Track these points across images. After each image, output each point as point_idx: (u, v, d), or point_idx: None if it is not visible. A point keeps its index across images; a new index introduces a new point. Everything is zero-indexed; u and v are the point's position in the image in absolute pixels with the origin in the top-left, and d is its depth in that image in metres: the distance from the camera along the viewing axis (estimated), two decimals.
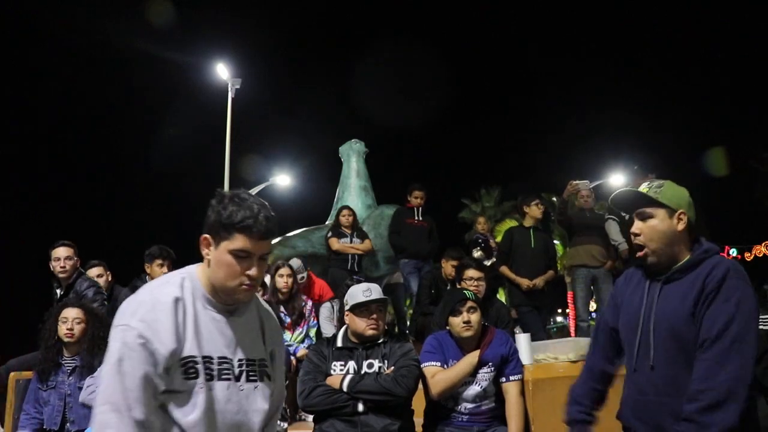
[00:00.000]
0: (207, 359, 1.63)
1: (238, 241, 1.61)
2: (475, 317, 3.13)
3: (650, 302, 2.02)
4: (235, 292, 1.65)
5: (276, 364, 1.83)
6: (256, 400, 1.71)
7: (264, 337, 1.79)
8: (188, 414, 1.59)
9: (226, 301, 1.68)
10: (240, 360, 1.69)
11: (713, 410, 1.75)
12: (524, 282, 5.64)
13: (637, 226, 2.04)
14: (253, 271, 1.63)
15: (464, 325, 3.11)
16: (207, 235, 1.65)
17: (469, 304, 3.15)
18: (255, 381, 1.71)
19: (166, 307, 1.60)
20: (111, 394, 1.52)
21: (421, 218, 6.77)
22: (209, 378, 1.62)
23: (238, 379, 1.67)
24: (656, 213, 2.02)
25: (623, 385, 2.15)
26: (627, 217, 2.19)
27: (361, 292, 3.11)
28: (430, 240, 6.76)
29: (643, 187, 2.08)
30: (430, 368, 3.09)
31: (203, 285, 1.68)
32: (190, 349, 1.60)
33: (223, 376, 1.65)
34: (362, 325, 3.08)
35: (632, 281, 2.16)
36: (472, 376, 3.08)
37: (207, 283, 1.67)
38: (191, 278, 1.68)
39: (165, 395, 1.57)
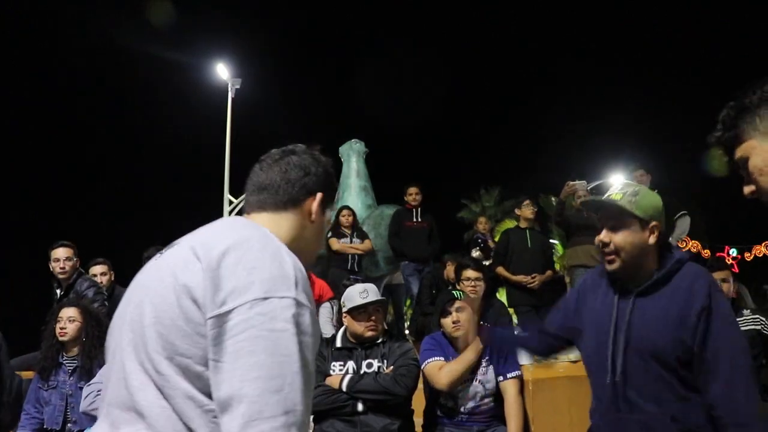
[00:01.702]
0: None
1: (330, 211, 1.48)
2: (464, 316, 3.13)
3: (622, 316, 1.96)
4: (312, 260, 1.50)
5: None
6: None
7: None
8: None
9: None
10: None
11: (750, 425, 1.79)
12: (521, 277, 5.65)
13: (606, 235, 1.98)
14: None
15: (454, 325, 3.11)
16: (323, 194, 1.40)
17: (458, 304, 3.15)
18: None
19: (305, 276, 1.21)
20: (292, 402, 1.10)
21: (420, 219, 6.75)
22: None
23: None
24: (628, 223, 1.96)
25: (592, 398, 2.09)
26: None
27: (357, 294, 3.11)
28: (430, 242, 6.74)
29: (617, 193, 2.00)
30: (435, 363, 3.08)
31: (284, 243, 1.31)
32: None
33: None
34: (361, 327, 3.09)
35: (599, 289, 2.09)
36: (471, 373, 3.08)
37: (288, 243, 1.30)
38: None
39: None
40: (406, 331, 8.41)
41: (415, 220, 6.74)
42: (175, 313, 1.13)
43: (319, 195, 1.40)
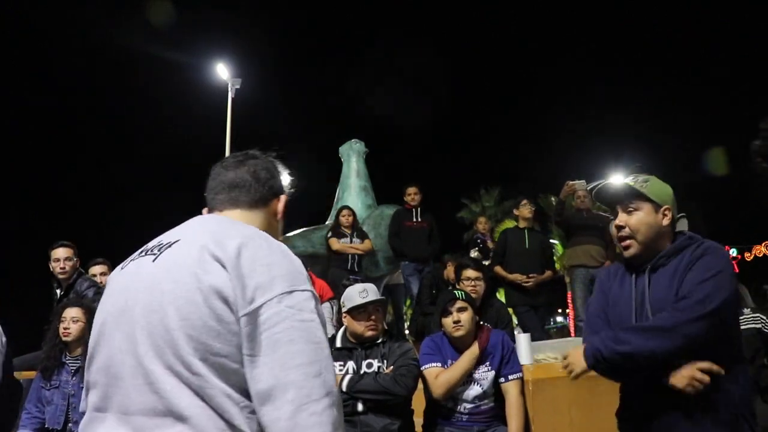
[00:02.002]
0: None
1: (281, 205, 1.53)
2: (465, 316, 3.13)
3: (641, 292, 2.01)
4: None
5: None
6: None
7: None
8: None
9: None
10: None
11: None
12: (518, 277, 5.64)
13: (622, 218, 2.03)
14: None
15: (455, 325, 3.11)
16: (285, 197, 1.52)
17: (459, 304, 3.15)
18: None
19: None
20: (330, 384, 1.17)
21: (420, 219, 6.73)
22: None
23: None
24: (642, 206, 2.01)
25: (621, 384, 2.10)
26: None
27: (357, 293, 3.11)
28: (430, 241, 6.73)
29: (629, 181, 2.07)
30: (432, 370, 3.09)
31: None
32: None
33: None
34: (361, 327, 3.09)
35: (616, 276, 2.14)
36: (470, 375, 3.08)
37: None
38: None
39: None
40: (406, 331, 8.41)
41: (414, 220, 6.73)
42: (204, 313, 1.15)
43: (282, 197, 1.51)
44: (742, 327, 3.93)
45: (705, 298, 1.82)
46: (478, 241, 6.94)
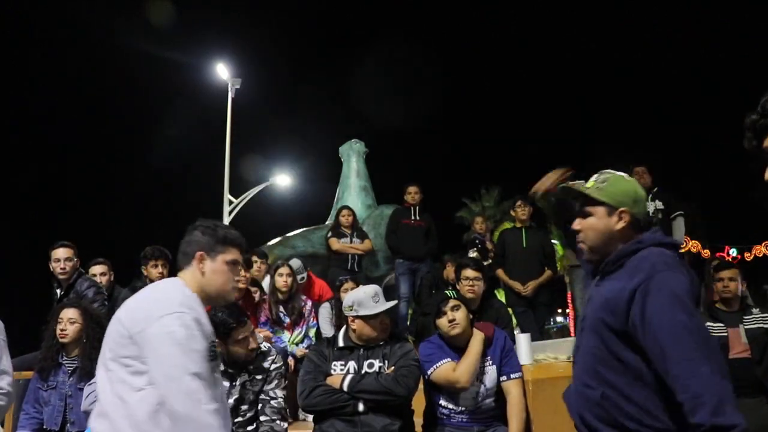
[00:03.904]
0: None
1: (232, 254, 2.09)
2: (459, 314, 3.12)
3: (587, 299, 2.02)
4: (229, 293, 2.11)
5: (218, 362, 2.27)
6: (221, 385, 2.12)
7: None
8: (215, 387, 1.93)
9: (214, 303, 2.18)
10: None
11: (721, 409, 1.64)
12: (516, 286, 5.65)
13: (578, 222, 2.02)
14: (240, 276, 2.14)
15: (450, 324, 3.11)
16: (202, 252, 2.05)
17: (452, 302, 3.15)
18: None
19: (194, 298, 1.99)
20: (183, 365, 1.80)
21: (418, 218, 6.73)
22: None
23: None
24: (595, 211, 1.97)
25: None
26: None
27: (369, 299, 3.08)
28: (427, 241, 6.73)
29: (590, 182, 2.02)
30: (446, 366, 3.07)
31: (192, 290, 2.04)
32: (211, 335, 1.98)
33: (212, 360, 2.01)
34: (374, 332, 3.09)
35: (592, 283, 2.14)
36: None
37: (195, 289, 2.04)
38: (184, 284, 2.04)
39: None
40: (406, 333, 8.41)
41: (412, 218, 6.73)
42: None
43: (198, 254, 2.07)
44: (750, 326, 3.92)
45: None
46: (476, 241, 6.94)
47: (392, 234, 6.77)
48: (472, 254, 6.47)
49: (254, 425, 3.16)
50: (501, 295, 6.01)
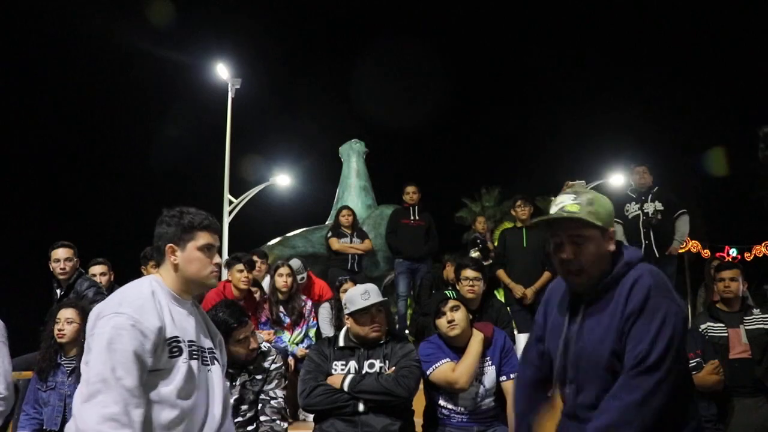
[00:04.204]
0: (185, 341, 1.94)
1: (203, 238, 2.02)
2: (459, 315, 3.12)
3: (573, 327, 1.88)
4: (209, 278, 2.06)
5: (223, 353, 2.21)
6: (212, 380, 2.03)
7: (209, 330, 2.15)
8: (174, 385, 1.86)
9: (195, 292, 2.10)
10: (201, 345, 2.03)
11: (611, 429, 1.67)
12: (518, 289, 5.64)
13: (570, 250, 1.85)
14: (217, 259, 2.05)
15: (449, 324, 3.11)
16: (171, 244, 2.01)
17: (451, 303, 3.14)
18: (208, 365, 2.03)
19: (146, 296, 1.92)
20: (101, 371, 1.75)
21: (417, 217, 6.75)
22: (189, 357, 1.93)
23: (200, 360, 1.99)
24: (591, 235, 1.85)
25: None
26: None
27: (359, 296, 3.08)
28: (426, 240, 6.74)
29: (573, 205, 1.87)
30: (445, 366, 3.06)
31: (168, 286, 2.02)
32: (171, 331, 1.91)
33: (193, 356, 1.96)
34: (365, 329, 3.08)
35: (557, 299, 2.02)
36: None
37: (172, 284, 2.02)
38: (156, 281, 2.01)
39: (153, 374, 1.84)
40: (406, 332, 8.41)
41: (412, 218, 6.74)
42: None
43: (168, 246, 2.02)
44: (751, 327, 3.92)
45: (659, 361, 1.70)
46: (478, 241, 6.94)
47: (392, 234, 6.77)
48: (474, 254, 6.48)
49: (254, 425, 3.16)
50: (500, 295, 6.01)
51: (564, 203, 1.89)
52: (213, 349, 2.09)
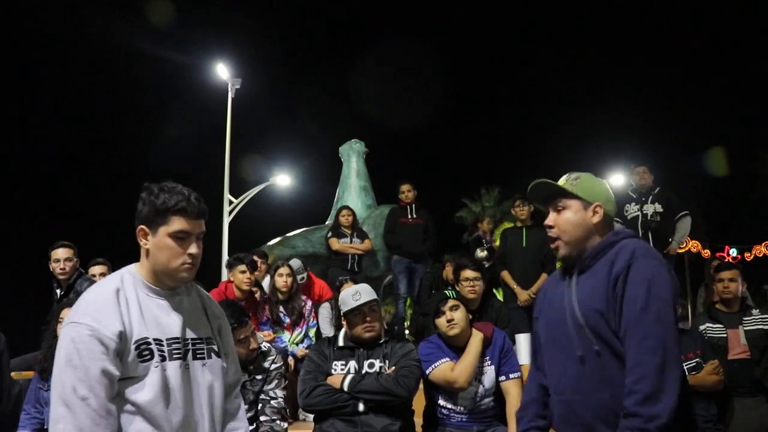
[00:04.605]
0: (158, 341, 1.71)
1: (176, 224, 1.73)
2: (458, 314, 3.13)
3: (569, 296, 1.94)
4: (179, 271, 1.76)
5: (224, 339, 1.94)
6: (205, 376, 1.81)
7: (207, 315, 1.90)
8: (144, 393, 1.66)
9: (169, 284, 1.79)
10: (187, 339, 1.78)
11: (652, 400, 1.67)
12: (523, 295, 5.63)
13: (551, 218, 1.99)
14: (193, 249, 1.76)
15: (448, 324, 3.11)
16: (143, 226, 1.76)
17: (451, 302, 3.15)
18: (203, 358, 1.81)
19: (107, 297, 1.70)
20: (62, 392, 1.58)
21: (415, 215, 6.76)
22: (162, 359, 1.71)
23: (184, 357, 1.76)
24: (570, 204, 1.96)
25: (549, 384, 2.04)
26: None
27: (350, 296, 3.11)
28: (425, 239, 6.76)
29: (562, 180, 2.02)
30: (444, 365, 3.06)
31: (143, 276, 1.78)
32: (139, 333, 1.68)
33: (175, 356, 1.74)
34: (358, 329, 3.09)
35: (553, 283, 2.10)
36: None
37: (147, 273, 1.78)
38: (130, 272, 1.79)
39: (122, 382, 1.65)
40: (406, 332, 8.41)
41: (410, 216, 6.76)
42: None
43: (139, 229, 1.77)
44: (750, 328, 3.92)
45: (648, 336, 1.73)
46: (483, 241, 6.93)
47: (390, 233, 6.78)
48: (481, 254, 6.46)
49: (254, 425, 3.17)
50: (500, 294, 6.01)
51: (559, 180, 2.03)
52: (211, 339, 1.86)
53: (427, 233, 6.76)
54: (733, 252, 20.32)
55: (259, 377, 3.21)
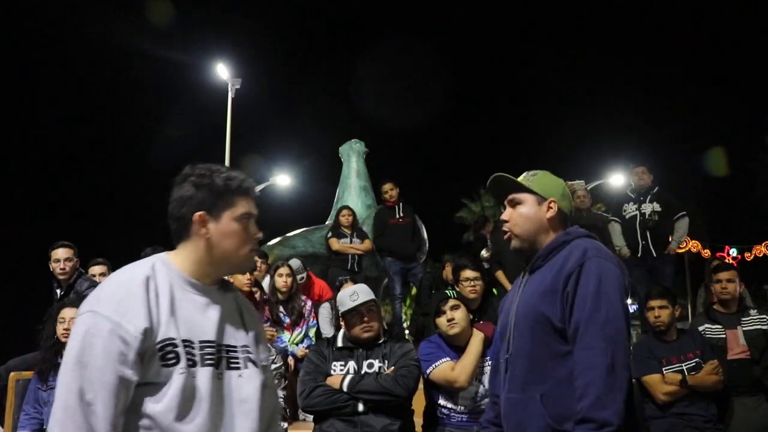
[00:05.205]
0: (187, 343, 1.42)
1: (242, 206, 1.54)
2: (458, 314, 3.13)
3: (518, 294, 1.97)
4: (248, 259, 1.58)
5: (261, 347, 1.65)
6: (242, 389, 1.51)
7: (244, 321, 1.61)
8: (164, 404, 1.37)
9: (218, 275, 1.58)
10: (222, 345, 1.51)
11: (603, 403, 1.65)
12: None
13: (507, 212, 2.01)
14: (259, 234, 1.58)
15: (449, 323, 3.11)
16: (201, 212, 1.50)
17: (451, 302, 3.15)
18: (238, 368, 1.52)
19: (135, 285, 1.42)
20: (66, 395, 1.32)
21: (402, 214, 6.82)
22: (191, 364, 1.41)
23: (218, 365, 1.48)
24: (525, 199, 1.98)
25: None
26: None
27: (348, 297, 3.12)
28: (414, 238, 6.81)
29: (521, 177, 2.03)
30: (445, 365, 3.06)
31: (180, 267, 1.51)
32: (166, 332, 1.40)
33: (207, 362, 1.45)
34: (356, 330, 3.10)
35: (515, 284, 2.11)
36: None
37: (189, 264, 1.52)
38: (163, 261, 1.52)
39: (138, 390, 1.37)
40: (406, 332, 8.42)
41: (398, 216, 6.82)
42: None
43: (197, 216, 1.51)
44: (748, 328, 3.92)
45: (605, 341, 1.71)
46: (488, 241, 6.92)
47: (381, 237, 6.82)
48: (486, 254, 6.45)
49: None
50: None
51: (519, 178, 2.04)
52: (247, 347, 1.57)
53: (414, 233, 6.80)
54: (733, 252, 20.31)
55: None
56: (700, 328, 3.96)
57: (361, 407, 2.94)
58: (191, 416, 1.39)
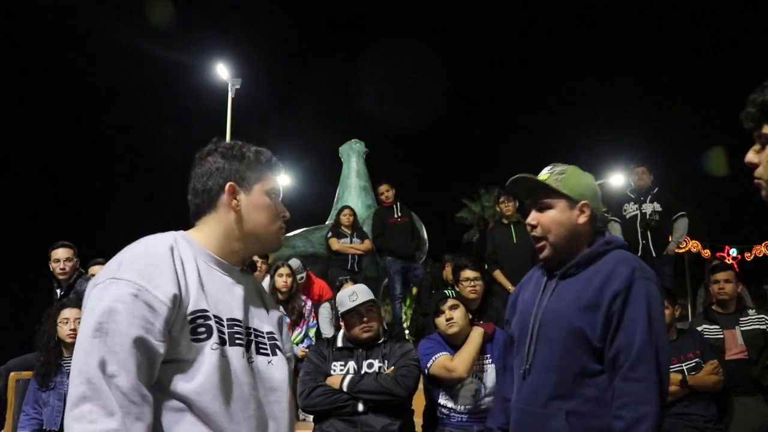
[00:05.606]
0: (217, 319, 1.30)
1: (271, 181, 1.48)
2: (457, 313, 3.13)
3: (543, 300, 1.81)
4: (277, 235, 1.49)
5: (285, 336, 1.54)
6: (273, 376, 1.40)
7: (266, 307, 1.52)
8: (197, 383, 1.23)
9: (247, 253, 1.49)
10: (250, 328, 1.40)
11: (638, 424, 1.59)
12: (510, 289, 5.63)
13: (534, 216, 1.84)
14: (286, 212, 1.52)
15: (447, 322, 3.12)
16: (232, 182, 1.42)
17: (451, 302, 3.16)
18: (267, 354, 1.41)
19: (160, 251, 1.30)
20: (86, 366, 1.15)
21: (401, 214, 6.86)
22: (222, 341, 1.29)
23: (247, 348, 1.36)
24: (555, 203, 1.81)
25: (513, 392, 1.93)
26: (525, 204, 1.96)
27: (347, 297, 3.13)
28: (412, 237, 6.85)
29: (544, 174, 1.86)
30: (443, 358, 3.06)
31: (203, 243, 1.40)
32: (197, 302, 1.28)
33: (237, 341, 1.33)
34: (356, 330, 3.11)
35: (530, 281, 1.97)
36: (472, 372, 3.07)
37: (212, 240, 1.41)
38: (184, 237, 1.40)
39: (164, 367, 1.23)
40: (406, 332, 8.42)
41: (397, 216, 6.86)
42: None
43: (228, 187, 1.43)
44: (746, 328, 3.92)
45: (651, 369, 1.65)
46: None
47: (380, 236, 6.84)
48: None
49: None
50: None
51: (541, 173, 1.88)
52: (273, 334, 1.46)
53: (413, 232, 6.83)
54: (733, 252, 20.31)
55: None
56: (699, 329, 3.96)
57: (361, 407, 2.94)
58: (228, 398, 1.26)
